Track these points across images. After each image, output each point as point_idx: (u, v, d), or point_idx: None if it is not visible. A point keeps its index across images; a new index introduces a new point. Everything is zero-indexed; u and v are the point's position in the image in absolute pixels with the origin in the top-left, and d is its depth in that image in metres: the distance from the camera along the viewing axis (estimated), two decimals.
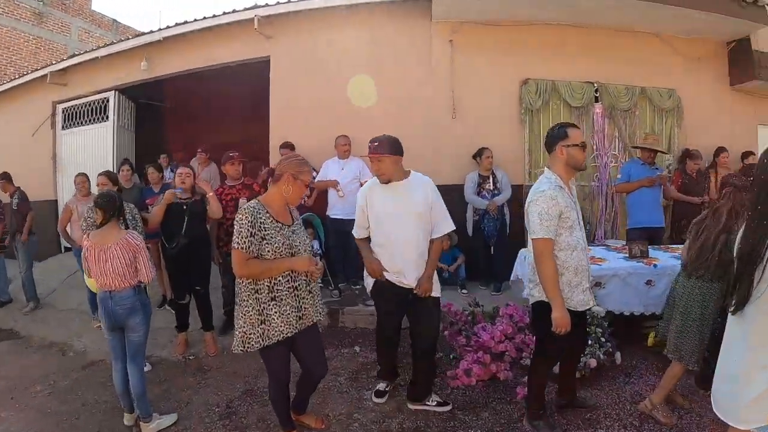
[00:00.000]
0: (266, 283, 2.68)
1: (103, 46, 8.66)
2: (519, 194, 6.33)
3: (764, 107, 8.12)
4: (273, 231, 2.67)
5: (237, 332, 2.74)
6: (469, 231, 6.11)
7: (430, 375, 3.60)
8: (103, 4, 28.48)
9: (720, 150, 6.89)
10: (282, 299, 2.71)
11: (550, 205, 2.84)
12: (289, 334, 2.73)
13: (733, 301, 1.98)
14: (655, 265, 4.43)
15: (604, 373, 4.03)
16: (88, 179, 5.97)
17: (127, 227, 3.64)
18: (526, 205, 3.03)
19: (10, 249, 7.04)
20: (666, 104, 7.07)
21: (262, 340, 2.69)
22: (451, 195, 6.22)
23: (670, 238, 6.30)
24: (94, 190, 5.32)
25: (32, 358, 5.18)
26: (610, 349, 4.08)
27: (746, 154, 7.21)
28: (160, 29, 7.56)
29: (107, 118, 8.77)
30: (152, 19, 42.26)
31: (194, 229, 4.76)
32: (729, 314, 2.07)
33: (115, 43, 8.52)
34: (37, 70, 9.72)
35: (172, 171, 7.44)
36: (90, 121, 9.08)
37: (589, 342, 3.88)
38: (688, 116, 7.26)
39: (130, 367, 3.45)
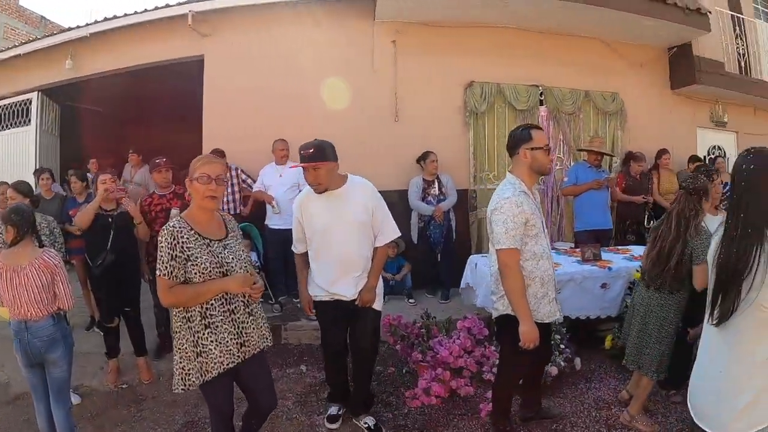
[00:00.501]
0: (198, 310, 2.31)
1: (25, 43, 8.00)
2: (464, 199, 6.25)
3: (703, 111, 8.37)
4: (199, 249, 2.31)
5: (175, 368, 2.36)
6: (414, 238, 5.90)
7: (365, 389, 3.37)
8: (32, 1, 26.72)
9: (662, 152, 7.06)
10: (217, 326, 2.33)
11: (515, 212, 2.66)
12: (230, 365, 2.36)
13: (716, 314, 1.90)
14: (609, 268, 4.41)
15: (564, 379, 3.96)
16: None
17: (41, 245, 3.18)
18: (488, 212, 2.84)
19: None
20: (609, 108, 7.12)
21: (201, 375, 2.32)
22: (395, 200, 6.00)
23: (614, 238, 6.32)
24: None
25: None
26: (570, 356, 4.02)
27: (692, 159, 7.33)
28: (87, 24, 6.96)
29: (29, 121, 8.08)
30: (83, 16, 38.73)
31: (122, 244, 4.23)
32: (706, 325, 2.01)
33: (38, 39, 7.89)
34: None
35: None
36: (10, 125, 8.37)
37: None
38: (631, 119, 7.37)
39: (55, 407, 3.02)
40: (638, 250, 5.07)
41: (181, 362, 2.33)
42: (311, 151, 2.89)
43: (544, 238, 2.86)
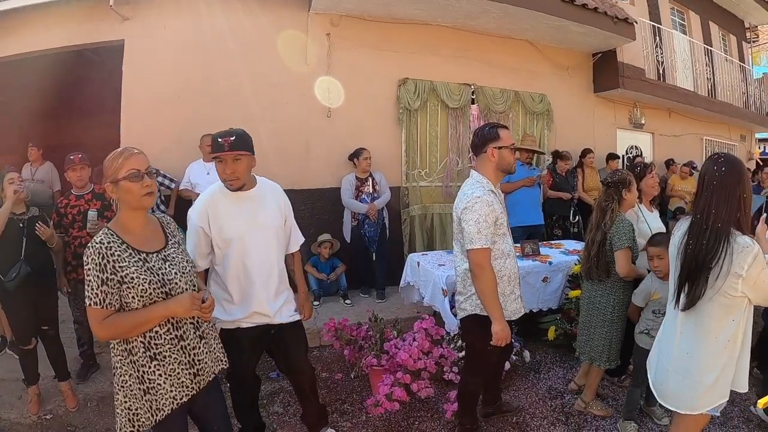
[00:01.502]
0: (140, 340, 1.92)
1: None
2: (397, 197, 6.12)
3: (622, 113, 8.74)
4: (134, 267, 1.88)
5: (118, 409, 1.96)
6: (347, 237, 5.72)
7: (317, 404, 3.09)
8: None
9: (586, 151, 7.35)
10: (165, 357, 1.95)
11: (487, 211, 2.59)
12: (184, 399, 2.00)
13: (684, 300, 2.09)
14: (549, 263, 4.51)
15: (516, 373, 4.04)
16: None
17: None
18: (457, 211, 2.73)
19: None
20: (537, 108, 7.24)
21: (152, 415, 1.94)
22: (326, 199, 5.89)
23: (543, 234, 6.43)
24: None
25: None
26: (519, 349, 4.07)
27: (611, 157, 7.67)
28: None
29: None
30: None
31: (36, 254, 3.66)
32: (670, 311, 2.24)
33: None
34: None
35: None
36: None
37: None
38: (557, 120, 7.54)
39: None
40: (571, 245, 5.30)
41: (125, 401, 1.93)
42: (232, 139, 2.45)
43: (510, 237, 2.85)
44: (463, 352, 3.45)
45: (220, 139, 2.45)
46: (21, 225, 3.61)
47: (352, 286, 5.79)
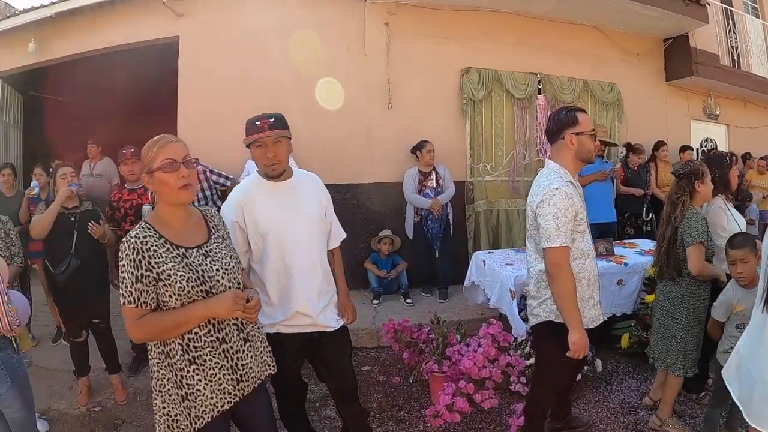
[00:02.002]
0: (178, 342, 1.72)
1: None
2: (461, 192, 5.73)
3: (696, 103, 8.12)
4: (171, 263, 1.70)
5: (157, 415, 1.79)
6: (410, 234, 5.37)
7: (362, 414, 2.77)
8: None
9: (659, 144, 6.77)
10: (205, 361, 1.75)
11: (566, 205, 2.27)
12: (226, 406, 1.80)
13: None
14: (625, 264, 4.13)
15: (586, 384, 3.67)
16: None
17: None
18: (532, 204, 2.41)
19: None
20: (607, 98, 6.73)
21: (192, 422, 1.74)
22: (388, 193, 5.54)
23: (615, 232, 5.94)
24: None
25: None
26: (590, 358, 3.69)
27: (683, 148, 7.11)
28: (52, 3, 6.22)
29: None
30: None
31: (87, 247, 3.57)
32: (757, 316, 1.95)
33: None
34: None
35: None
36: None
37: None
38: (627, 110, 6.98)
39: None
40: (646, 244, 4.80)
41: (164, 407, 1.75)
42: (272, 120, 2.21)
43: (589, 234, 2.49)
44: (531, 360, 3.28)
45: (258, 122, 2.21)
46: (72, 219, 3.56)
47: (413, 284, 5.44)
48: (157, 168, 1.72)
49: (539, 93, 6.28)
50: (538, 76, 6.24)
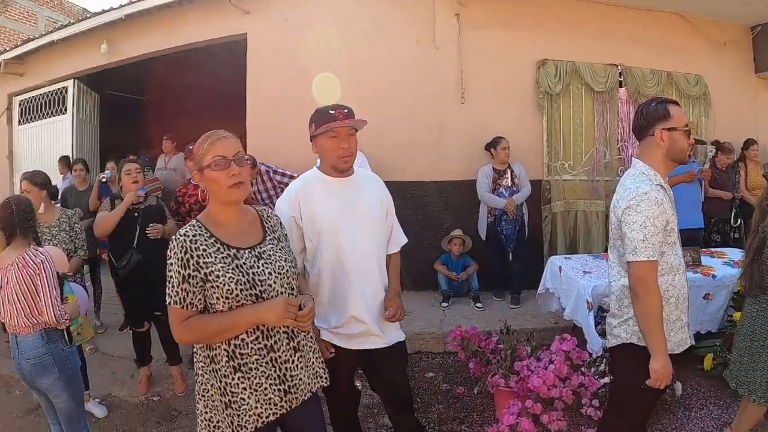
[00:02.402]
0: (223, 348, 1.61)
1: (59, 29, 7.39)
2: (537, 191, 5.33)
3: None
4: (220, 264, 1.59)
5: (199, 419, 1.70)
6: (482, 234, 5.04)
7: (418, 428, 2.54)
8: None
9: (749, 142, 6.14)
10: (251, 369, 1.63)
11: (656, 212, 1.95)
12: (271, 418, 1.66)
13: None
14: (713, 276, 3.69)
15: (662, 408, 3.32)
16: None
17: (38, 243, 2.57)
18: (616, 210, 2.08)
19: None
20: (693, 91, 6.15)
21: (234, 431, 1.64)
22: (460, 191, 5.23)
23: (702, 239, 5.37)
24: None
25: None
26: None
27: None
28: (121, 6, 6.31)
29: (65, 110, 7.52)
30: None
31: (149, 242, 3.61)
32: None
33: (71, 24, 7.25)
34: None
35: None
36: (48, 114, 7.82)
37: None
38: (714, 105, 6.35)
39: None
40: (736, 254, 4.26)
41: (206, 412, 1.67)
42: (346, 110, 2.09)
43: (679, 246, 2.14)
44: (606, 378, 3.02)
45: (332, 111, 2.08)
46: (135, 215, 3.63)
47: (484, 287, 5.11)
48: (207, 165, 1.64)
49: (620, 86, 5.82)
50: (619, 67, 5.77)
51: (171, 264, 1.59)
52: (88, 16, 7.24)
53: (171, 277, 1.58)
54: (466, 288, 5.08)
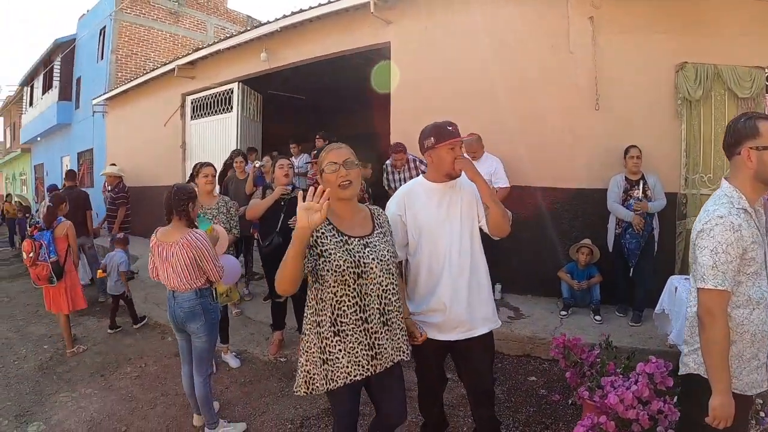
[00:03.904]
0: (328, 315, 1.97)
1: (224, 39, 8.20)
2: (672, 205, 4.82)
3: None
4: (333, 245, 1.96)
5: (299, 370, 2.07)
6: (609, 246, 4.73)
7: (493, 422, 2.56)
8: (239, 3, 28.99)
9: None
10: (347, 335, 1.97)
11: (729, 239, 1.75)
12: (358, 377, 1.99)
13: None
14: None
15: None
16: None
17: (191, 226, 3.09)
18: (693, 233, 1.89)
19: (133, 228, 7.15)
20: None
21: (326, 383, 1.99)
22: (592, 200, 4.94)
23: None
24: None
25: (134, 337, 5.08)
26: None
27: None
28: (276, 19, 6.88)
29: (231, 108, 8.36)
30: (284, 12, 42.50)
31: (291, 228, 3.90)
32: None
33: (234, 35, 8.00)
34: (165, 64, 9.55)
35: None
36: (216, 111, 8.76)
37: None
38: None
39: (195, 372, 3.08)
40: None
41: (306, 364, 2.03)
42: (457, 126, 2.34)
43: (765, 278, 1.85)
44: None
45: (450, 127, 2.31)
46: (282, 203, 4.07)
47: (606, 301, 4.77)
48: (322, 170, 2.01)
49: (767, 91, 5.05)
50: (767, 71, 5.02)
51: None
52: (250, 27, 7.93)
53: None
54: (588, 299, 4.81)
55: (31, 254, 4.38)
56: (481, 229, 2.41)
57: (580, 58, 5.05)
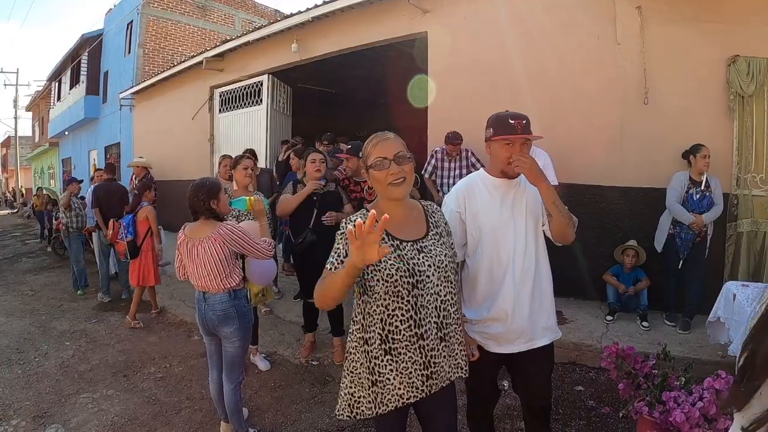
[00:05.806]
0: (378, 332, 1.65)
1: (252, 31, 7.93)
2: (724, 206, 4.38)
3: None
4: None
5: (342, 391, 1.77)
6: (659, 247, 4.34)
7: None
8: None
9: None
10: (400, 353, 1.65)
11: None
12: (411, 400, 1.67)
13: None
14: None
15: None
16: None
17: (222, 220, 2.79)
18: None
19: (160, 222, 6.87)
20: None
21: (375, 407, 1.68)
22: (640, 200, 4.59)
23: None
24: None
25: (158, 335, 4.80)
26: None
27: None
28: (308, 9, 6.55)
29: (261, 101, 8.09)
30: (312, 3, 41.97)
31: (324, 225, 3.67)
32: None
33: (264, 26, 7.71)
34: (193, 56, 9.32)
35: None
36: (245, 104, 8.50)
37: None
38: None
39: (225, 378, 2.79)
40: None
41: (350, 387, 1.73)
42: (524, 122, 1.96)
43: None
44: None
45: (512, 121, 1.96)
46: (315, 198, 3.72)
47: (654, 306, 4.40)
48: (370, 165, 1.67)
49: None
50: None
51: (339, 238, 1.66)
52: (279, 18, 7.63)
53: (338, 248, 1.65)
54: (635, 304, 4.45)
55: (111, 233, 5.19)
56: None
57: (627, 50, 4.68)
